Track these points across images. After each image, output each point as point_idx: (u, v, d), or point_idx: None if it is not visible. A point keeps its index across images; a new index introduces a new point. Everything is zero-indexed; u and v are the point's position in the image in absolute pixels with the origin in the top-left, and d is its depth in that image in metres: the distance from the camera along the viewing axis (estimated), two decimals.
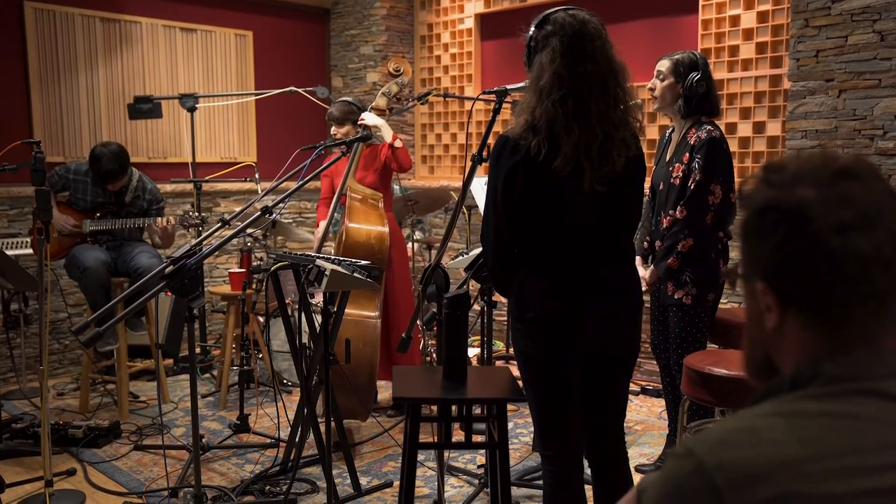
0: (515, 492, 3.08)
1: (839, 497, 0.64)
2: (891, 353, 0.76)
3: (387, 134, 3.85)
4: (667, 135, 3.23)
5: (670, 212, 2.98)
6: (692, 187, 2.92)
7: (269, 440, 3.72)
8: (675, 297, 3.00)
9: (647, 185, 2.75)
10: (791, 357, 0.82)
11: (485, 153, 2.49)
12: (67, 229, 4.07)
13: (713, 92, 3.02)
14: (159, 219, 4.09)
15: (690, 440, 0.73)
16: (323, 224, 4.14)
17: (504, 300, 4.02)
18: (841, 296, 0.76)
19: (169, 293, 3.72)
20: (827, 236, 0.75)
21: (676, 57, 3.02)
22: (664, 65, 3.04)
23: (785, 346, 0.82)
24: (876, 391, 0.73)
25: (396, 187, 5.01)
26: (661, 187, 3.09)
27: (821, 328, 0.78)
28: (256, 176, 4.76)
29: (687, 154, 2.96)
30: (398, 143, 3.86)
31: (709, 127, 2.96)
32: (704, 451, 0.69)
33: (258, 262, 4.40)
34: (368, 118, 3.82)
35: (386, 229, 3.69)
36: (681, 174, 2.97)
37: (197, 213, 4.19)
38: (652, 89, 3.08)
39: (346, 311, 3.55)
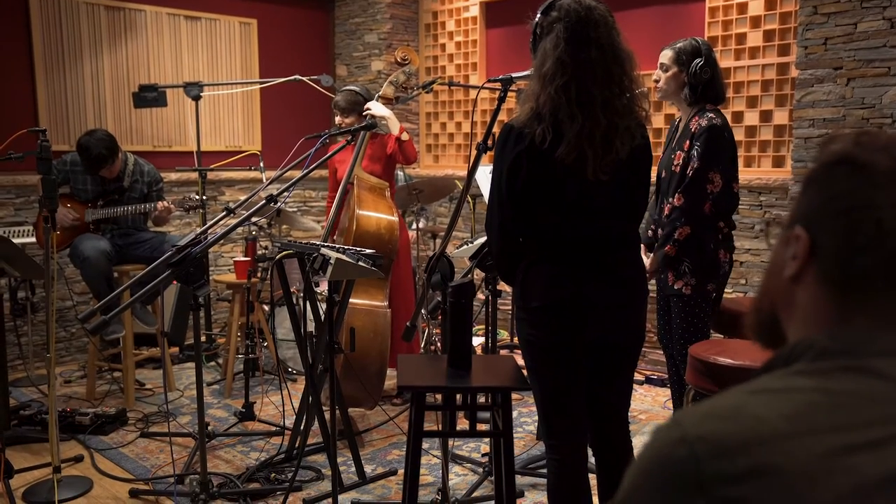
0: (519, 480, 3.09)
1: (816, 473, 0.65)
2: (887, 332, 0.76)
3: (393, 126, 3.81)
4: (675, 123, 3.21)
5: (670, 199, 2.97)
6: (690, 175, 2.90)
7: (274, 428, 3.73)
8: (675, 287, 2.99)
9: (653, 173, 2.77)
10: (796, 315, 0.82)
11: (490, 142, 2.48)
12: (68, 223, 4.07)
13: (718, 78, 3.00)
14: (159, 203, 4.11)
15: (679, 413, 0.74)
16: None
17: (508, 289, 4.04)
18: (870, 263, 0.76)
19: (174, 281, 3.73)
20: (884, 205, 0.76)
21: (678, 46, 2.99)
22: (666, 55, 3.02)
23: (795, 299, 0.82)
24: (863, 368, 0.73)
25: (400, 174, 5.00)
26: (663, 175, 3.08)
27: (835, 289, 0.78)
28: (261, 164, 4.77)
29: (687, 141, 2.94)
30: (405, 136, 3.82)
31: (710, 114, 2.93)
32: (689, 422, 0.70)
33: (263, 251, 4.40)
34: (375, 108, 3.77)
35: (395, 218, 3.67)
36: (681, 162, 2.95)
37: (195, 196, 4.19)
38: (657, 80, 3.06)
39: (357, 300, 3.55)
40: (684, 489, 0.67)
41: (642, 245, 3.09)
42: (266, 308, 4.58)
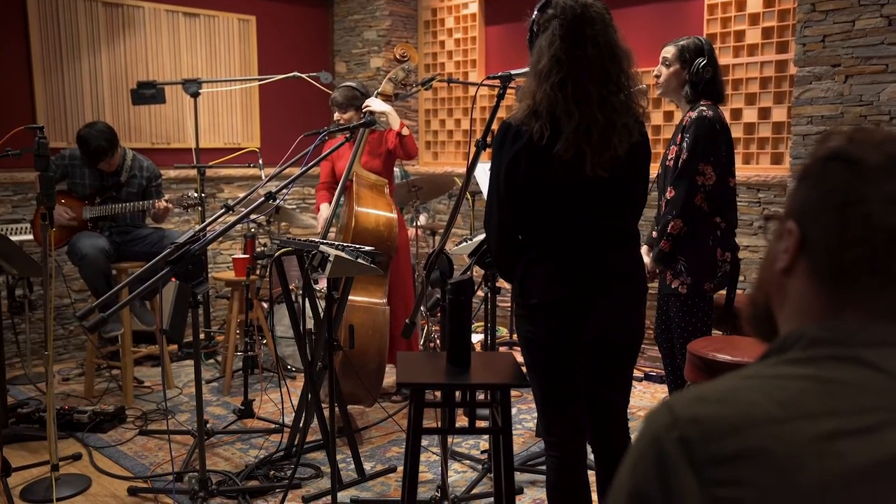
0: (519, 477, 3.09)
1: (806, 456, 0.66)
2: (877, 324, 0.77)
3: (394, 121, 3.80)
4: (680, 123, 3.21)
5: (664, 194, 2.97)
6: (679, 166, 2.90)
7: (273, 425, 3.73)
8: (672, 286, 2.98)
9: (654, 171, 2.76)
10: (787, 307, 0.84)
11: (489, 139, 2.48)
12: (64, 221, 4.06)
13: (719, 77, 3.00)
14: (157, 201, 4.10)
15: (671, 398, 0.75)
16: (324, 207, 4.13)
17: (508, 286, 4.03)
18: (858, 257, 0.77)
19: (173, 279, 3.73)
20: (874, 200, 0.77)
21: (682, 43, 2.99)
22: (669, 51, 3.01)
23: (786, 292, 0.83)
24: (853, 358, 0.74)
25: (397, 171, 5.00)
26: (660, 172, 3.08)
27: (825, 282, 0.80)
28: (260, 162, 4.76)
29: (680, 135, 2.94)
30: (405, 131, 3.81)
31: (702, 107, 2.91)
32: (681, 406, 0.72)
33: (262, 248, 4.40)
34: (375, 105, 3.76)
35: (394, 216, 3.67)
36: (674, 156, 2.94)
37: (195, 194, 4.18)
38: (658, 76, 3.06)
39: (356, 297, 3.55)
40: (676, 471, 0.68)
41: (645, 245, 3.08)
42: (265, 305, 4.57)
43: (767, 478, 0.65)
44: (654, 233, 3.14)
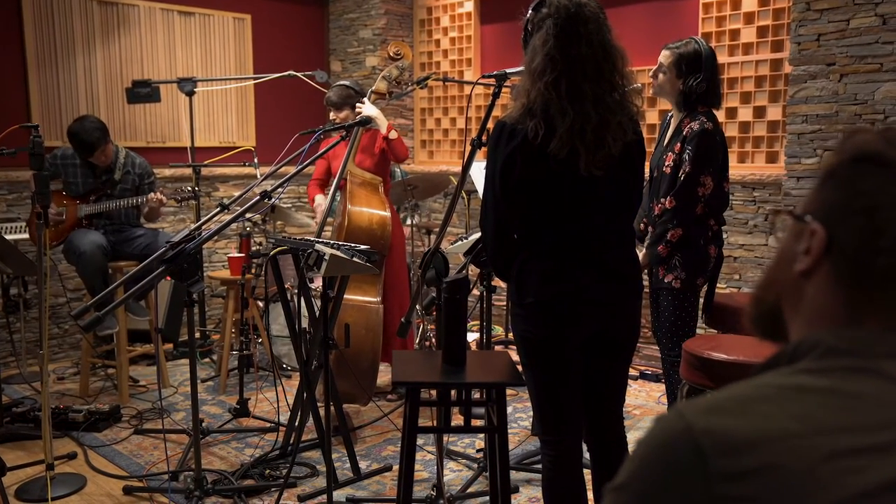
0: (514, 476, 3.09)
1: (822, 473, 0.64)
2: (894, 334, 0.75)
3: (382, 125, 3.82)
4: (667, 119, 3.22)
5: (661, 200, 2.99)
6: (682, 179, 2.92)
7: (268, 424, 3.73)
8: (666, 280, 3.02)
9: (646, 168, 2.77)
10: (802, 311, 0.80)
11: (484, 137, 2.48)
12: (50, 217, 4.03)
13: (715, 86, 2.98)
14: (151, 194, 4.09)
15: (682, 404, 0.73)
16: (319, 197, 4.12)
17: (503, 285, 4.02)
18: (888, 265, 0.74)
19: (168, 278, 3.72)
20: None
21: (679, 51, 2.96)
22: (667, 57, 2.99)
23: (803, 295, 0.80)
24: (872, 369, 0.72)
25: (397, 171, 5.00)
26: (655, 174, 3.10)
27: (849, 288, 0.76)
28: (255, 160, 4.75)
29: (679, 144, 2.95)
30: (393, 135, 3.82)
31: (703, 118, 2.93)
32: (694, 416, 0.69)
33: (257, 247, 4.40)
34: (365, 109, 3.78)
35: (388, 214, 3.67)
36: (672, 164, 2.96)
37: (188, 188, 4.17)
38: (654, 76, 3.06)
39: (349, 296, 3.55)
40: (686, 481, 0.66)
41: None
42: (260, 304, 4.57)
43: (783, 496, 0.63)
44: (640, 226, 3.18)
